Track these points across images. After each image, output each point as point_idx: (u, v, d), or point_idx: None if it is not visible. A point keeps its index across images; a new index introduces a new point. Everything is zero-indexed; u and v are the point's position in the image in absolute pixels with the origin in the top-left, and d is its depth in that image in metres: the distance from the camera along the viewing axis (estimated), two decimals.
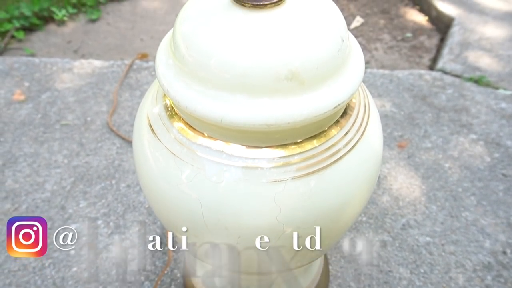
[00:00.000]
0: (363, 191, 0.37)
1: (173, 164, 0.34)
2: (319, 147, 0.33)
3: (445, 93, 1.08)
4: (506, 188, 0.83)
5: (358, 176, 0.35)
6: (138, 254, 0.69)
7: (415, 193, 0.81)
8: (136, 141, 0.40)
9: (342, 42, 0.32)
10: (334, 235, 0.38)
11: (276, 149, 0.33)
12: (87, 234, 0.72)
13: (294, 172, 0.32)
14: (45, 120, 0.95)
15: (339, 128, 0.35)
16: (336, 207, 0.34)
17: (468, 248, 0.72)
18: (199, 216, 0.34)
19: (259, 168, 0.32)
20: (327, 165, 0.33)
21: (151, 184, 0.38)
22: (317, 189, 0.33)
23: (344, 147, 0.34)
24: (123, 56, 1.27)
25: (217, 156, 0.33)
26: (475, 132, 0.96)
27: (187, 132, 0.35)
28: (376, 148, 0.37)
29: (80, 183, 0.81)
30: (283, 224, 0.33)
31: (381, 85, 1.09)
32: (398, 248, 0.72)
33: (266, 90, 0.30)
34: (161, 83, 0.34)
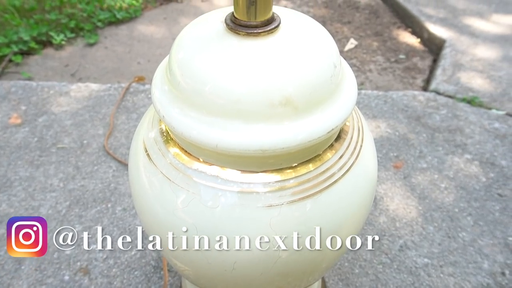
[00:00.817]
0: (359, 214, 0.37)
1: (169, 189, 0.34)
2: (314, 171, 0.33)
3: (439, 114, 1.09)
4: (502, 208, 0.83)
5: (353, 199, 0.35)
6: (133, 279, 0.68)
7: (412, 213, 0.81)
8: (132, 166, 0.40)
9: (334, 68, 0.33)
10: (330, 258, 0.38)
11: (271, 174, 0.33)
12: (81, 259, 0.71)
13: (289, 197, 0.32)
14: (41, 144, 0.95)
15: (333, 152, 0.35)
16: (331, 229, 0.34)
17: (467, 270, 0.71)
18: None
19: (255, 192, 0.32)
20: (322, 189, 0.33)
21: (146, 209, 0.38)
22: (312, 213, 0.33)
23: (339, 170, 0.34)
24: (120, 80, 1.28)
25: (212, 181, 0.33)
26: (470, 152, 0.97)
27: (182, 157, 0.35)
28: (371, 171, 0.38)
29: (75, 206, 0.81)
30: (278, 248, 0.33)
31: (375, 106, 1.11)
32: (396, 270, 0.71)
33: (260, 116, 0.30)
34: (157, 109, 0.34)
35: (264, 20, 0.31)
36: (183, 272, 0.42)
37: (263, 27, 0.31)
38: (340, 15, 1.69)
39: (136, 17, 1.58)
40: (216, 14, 0.35)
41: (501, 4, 1.66)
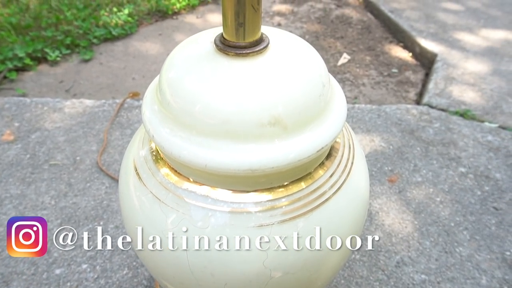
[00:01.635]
0: (352, 231, 0.36)
1: (158, 209, 0.34)
2: (305, 189, 0.33)
3: (432, 127, 1.09)
4: (498, 221, 0.82)
5: (345, 217, 0.35)
6: None
7: (408, 228, 0.81)
8: (122, 185, 0.40)
9: (323, 87, 0.33)
10: (324, 277, 0.37)
11: (262, 193, 0.32)
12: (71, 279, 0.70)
13: (280, 216, 0.32)
14: (33, 161, 0.95)
15: (324, 170, 0.35)
16: (324, 250, 0.34)
17: (465, 286, 0.71)
18: (184, 262, 0.33)
19: (245, 212, 0.32)
20: (314, 208, 0.33)
21: (136, 228, 0.37)
22: (303, 231, 0.32)
23: (330, 189, 0.34)
24: (115, 95, 1.28)
25: (202, 201, 0.32)
26: (464, 166, 0.97)
27: (172, 177, 0.34)
28: (362, 188, 0.37)
29: (67, 225, 0.80)
30: (270, 269, 0.32)
31: (369, 120, 1.11)
32: (393, 287, 0.70)
33: (250, 135, 0.30)
34: (147, 129, 0.34)
35: (253, 40, 0.31)
36: None
37: (252, 48, 0.31)
38: (333, 31, 1.71)
39: (131, 34, 1.59)
40: (206, 35, 0.35)
41: (489, 19, 1.69)
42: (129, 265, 0.72)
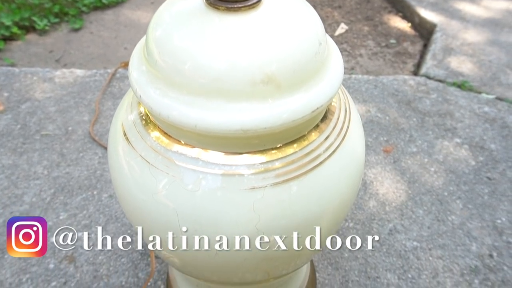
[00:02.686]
0: (346, 196, 0.36)
1: (148, 172, 0.33)
2: (298, 152, 0.32)
3: (429, 98, 1.08)
4: (491, 191, 0.83)
5: (339, 182, 0.34)
6: (120, 266, 0.67)
7: (402, 197, 0.81)
8: (111, 150, 0.39)
9: (319, 46, 0.32)
10: (314, 243, 0.37)
11: (255, 155, 0.32)
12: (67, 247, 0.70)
13: (273, 179, 0.31)
14: (24, 131, 0.93)
15: (318, 133, 0.34)
16: (317, 214, 0.33)
17: (455, 252, 0.71)
18: (175, 226, 0.33)
19: (237, 175, 0.31)
20: (307, 171, 0.32)
21: (126, 194, 0.36)
22: (297, 195, 0.32)
23: (325, 152, 0.33)
24: (106, 65, 1.25)
25: (193, 164, 0.32)
26: (460, 136, 0.96)
27: (162, 140, 0.33)
28: (358, 153, 0.37)
29: (60, 194, 0.79)
30: (262, 232, 0.32)
31: (366, 91, 1.10)
32: (385, 254, 0.71)
33: (241, 94, 0.29)
34: (134, 89, 0.33)
35: None
36: (169, 259, 0.41)
37: (244, 2, 0.30)
38: (330, 0, 1.66)
39: (122, 2, 1.54)
40: None
41: None
42: (124, 233, 0.72)
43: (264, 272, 0.39)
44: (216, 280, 0.43)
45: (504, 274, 0.68)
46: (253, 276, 0.39)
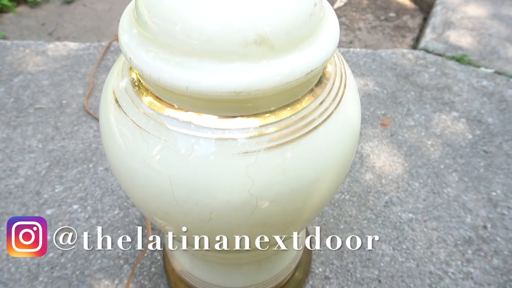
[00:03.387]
0: (340, 164, 0.35)
1: (140, 138, 0.32)
2: (293, 116, 0.32)
3: (427, 72, 1.07)
4: (487, 164, 0.83)
5: (334, 147, 0.34)
6: (117, 237, 0.68)
7: (398, 170, 0.81)
8: (103, 118, 0.38)
9: (314, 6, 0.31)
10: (310, 209, 0.37)
11: (249, 118, 0.31)
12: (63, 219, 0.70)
13: (267, 143, 0.31)
14: (18, 104, 0.92)
15: (313, 97, 0.33)
16: (311, 180, 0.33)
17: (450, 224, 0.72)
18: (168, 192, 0.32)
19: (230, 139, 0.31)
20: (302, 135, 0.32)
21: (118, 162, 0.36)
22: (291, 160, 0.31)
23: (319, 116, 0.33)
24: (100, 39, 1.23)
25: (185, 128, 0.31)
26: (457, 110, 0.96)
27: (155, 105, 0.33)
28: (353, 119, 0.36)
29: (55, 167, 0.79)
30: (256, 197, 0.32)
31: (364, 64, 1.08)
32: (381, 225, 0.71)
33: (234, 55, 0.28)
34: (124, 52, 0.32)
35: None
36: (164, 228, 0.41)
37: None
38: None
39: None
40: None
41: None
42: (120, 205, 0.72)
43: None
44: (211, 249, 0.43)
45: (497, 245, 0.69)
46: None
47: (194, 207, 0.32)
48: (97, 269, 0.63)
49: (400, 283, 0.63)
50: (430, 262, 0.66)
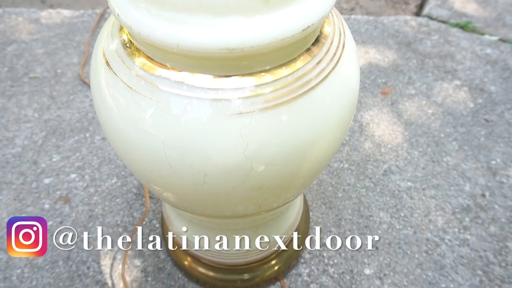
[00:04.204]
0: (337, 126, 0.34)
1: (131, 99, 0.31)
2: (289, 76, 0.31)
3: (430, 39, 1.05)
4: (487, 133, 0.82)
5: (331, 109, 0.33)
6: (115, 206, 0.68)
7: (398, 139, 0.80)
8: (94, 82, 0.37)
9: None
10: (306, 173, 0.36)
11: (242, 78, 0.30)
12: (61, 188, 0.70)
13: (262, 103, 0.30)
14: (12, 74, 0.90)
15: (310, 57, 0.32)
16: (308, 142, 0.32)
17: (448, 192, 0.72)
18: (161, 155, 0.32)
19: (224, 99, 0.30)
20: (298, 96, 0.31)
21: (111, 125, 0.35)
22: (286, 121, 0.31)
23: (316, 77, 0.32)
24: (94, 6, 1.20)
25: (177, 88, 0.30)
26: (460, 78, 0.94)
27: (146, 65, 0.32)
28: (352, 80, 0.35)
29: (52, 137, 0.78)
30: (251, 160, 0.31)
31: (365, 32, 1.05)
32: (379, 194, 0.71)
33: (227, 9, 0.27)
34: (112, 8, 0.30)
35: None
36: (161, 195, 0.41)
37: None
38: None
39: None
40: None
41: None
42: (117, 174, 0.72)
43: (255, 204, 0.38)
44: (208, 214, 0.43)
45: (495, 213, 0.69)
46: (244, 208, 0.39)
47: (188, 170, 0.32)
48: (96, 237, 0.64)
49: (397, 250, 0.64)
50: (427, 230, 0.67)
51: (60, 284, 0.58)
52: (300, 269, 0.61)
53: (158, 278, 0.59)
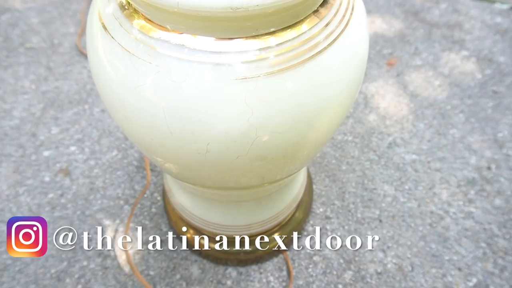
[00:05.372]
0: (345, 93, 0.33)
1: (130, 64, 0.30)
2: (296, 39, 0.29)
3: (438, 8, 1.01)
4: (495, 105, 0.80)
5: (339, 75, 0.31)
6: (116, 179, 0.67)
7: (403, 111, 0.79)
8: (90, 48, 0.35)
9: None
10: (311, 143, 0.35)
11: (247, 40, 0.28)
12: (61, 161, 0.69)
13: (267, 68, 0.28)
14: (7, 44, 0.88)
15: (318, 19, 0.30)
16: (314, 109, 0.31)
17: (454, 165, 0.71)
18: (162, 122, 0.30)
19: (227, 63, 0.28)
20: (305, 60, 0.29)
21: (109, 92, 0.33)
22: (293, 87, 0.29)
23: (324, 40, 0.30)
24: None
25: (178, 51, 0.28)
26: (468, 49, 0.91)
27: (145, 27, 0.30)
28: (360, 45, 0.33)
29: (50, 109, 0.77)
30: (255, 127, 0.29)
31: (371, 1, 1.02)
32: (383, 167, 0.70)
33: None
34: None
35: None
36: (162, 166, 0.40)
37: None
38: None
39: None
40: None
41: None
42: (118, 147, 0.71)
43: (259, 175, 0.37)
44: (211, 185, 0.42)
45: (500, 185, 0.68)
46: (248, 179, 0.38)
47: (190, 137, 0.31)
48: (97, 209, 0.63)
49: (401, 223, 0.63)
50: (432, 203, 0.66)
51: (62, 255, 0.58)
52: (303, 241, 0.61)
53: (160, 250, 0.59)
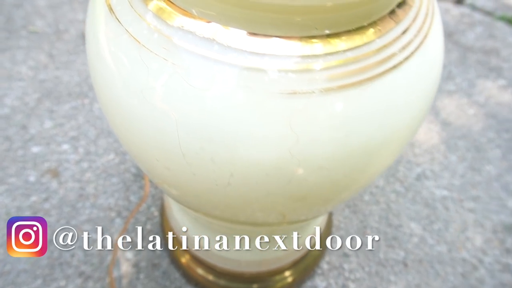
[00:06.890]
0: (414, 122, 0.25)
1: (138, 58, 0.22)
2: (365, 46, 0.21)
3: (473, 31, 0.94)
4: None
5: (411, 98, 0.24)
6: (109, 186, 0.59)
7: (434, 140, 0.71)
8: (89, 33, 0.28)
9: None
10: (359, 185, 0.27)
11: (297, 42, 0.21)
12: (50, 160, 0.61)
13: (325, 82, 0.21)
14: (9, 25, 0.81)
15: (395, 23, 0.22)
16: (377, 141, 0.23)
17: (489, 206, 0.63)
18: (173, 140, 0.23)
19: (270, 71, 0.20)
20: (374, 76, 0.22)
21: (107, 94, 0.26)
22: (355, 110, 0.21)
23: (400, 52, 0.22)
24: None
25: (204, 47, 0.21)
26: (505, 78, 0.84)
27: (162, 10, 0.22)
28: (438, 61, 0.26)
29: (46, 100, 0.69)
30: (298, 160, 0.22)
31: None
32: (410, 201, 0.63)
33: None
34: None
35: None
36: (163, 187, 0.32)
37: None
38: None
39: None
40: None
41: None
42: (116, 150, 0.63)
43: (279, 213, 0.30)
44: (218, 216, 0.34)
45: None
46: (265, 216, 0.30)
47: (208, 164, 0.23)
48: (84, 220, 0.55)
49: (429, 269, 0.55)
50: (464, 248, 0.58)
51: (37, 272, 0.50)
52: (316, 281, 0.53)
53: (152, 276, 0.51)
